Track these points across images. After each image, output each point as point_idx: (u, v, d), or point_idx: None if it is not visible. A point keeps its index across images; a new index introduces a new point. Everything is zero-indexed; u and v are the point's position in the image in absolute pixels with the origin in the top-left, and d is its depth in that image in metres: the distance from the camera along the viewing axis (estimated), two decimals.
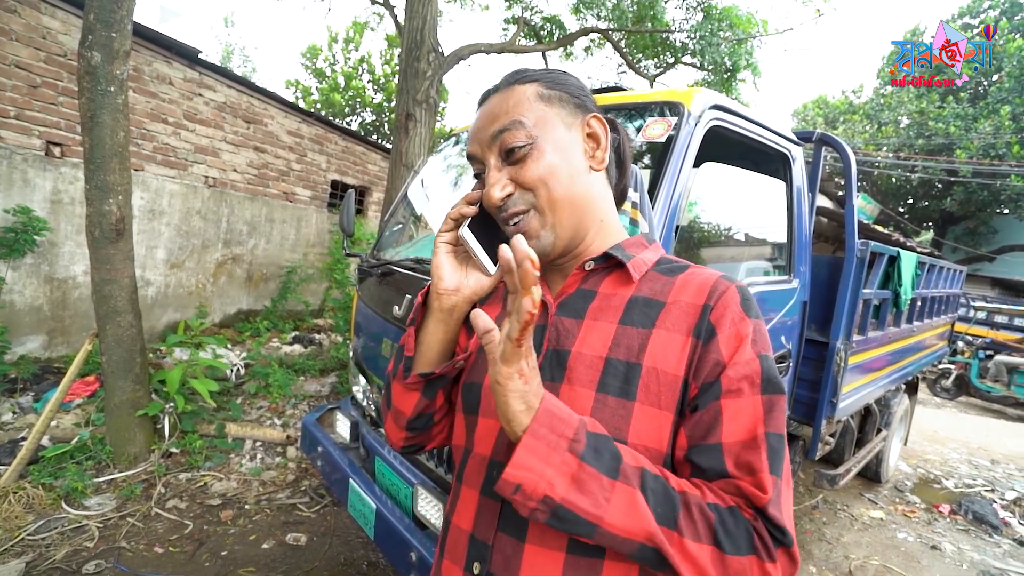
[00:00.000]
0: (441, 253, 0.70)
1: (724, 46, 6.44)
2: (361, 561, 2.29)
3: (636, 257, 0.67)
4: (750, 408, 0.55)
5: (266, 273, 5.89)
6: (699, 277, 0.63)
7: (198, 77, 4.83)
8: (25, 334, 3.76)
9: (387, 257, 2.12)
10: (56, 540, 2.16)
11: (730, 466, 0.53)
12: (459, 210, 0.69)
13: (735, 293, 0.60)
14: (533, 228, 0.64)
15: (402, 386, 0.71)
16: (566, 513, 0.48)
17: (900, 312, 2.98)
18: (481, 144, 0.66)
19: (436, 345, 0.71)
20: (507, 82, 0.67)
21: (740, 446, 0.53)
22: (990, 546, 3.09)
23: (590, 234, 0.68)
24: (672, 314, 0.60)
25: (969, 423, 6.42)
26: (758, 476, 0.52)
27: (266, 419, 3.57)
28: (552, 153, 0.63)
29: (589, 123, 0.67)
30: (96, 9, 2.36)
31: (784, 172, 1.93)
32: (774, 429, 0.55)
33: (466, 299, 0.70)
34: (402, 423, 0.74)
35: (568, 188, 0.63)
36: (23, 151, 3.61)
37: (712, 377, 0.56)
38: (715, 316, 0.58)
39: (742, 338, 0.57)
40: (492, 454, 0.63)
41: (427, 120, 4.87)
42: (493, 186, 0.63)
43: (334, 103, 12.87)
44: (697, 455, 0.55)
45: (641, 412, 0.57)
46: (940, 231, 16.39)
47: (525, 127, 0.62)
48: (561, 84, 0.67)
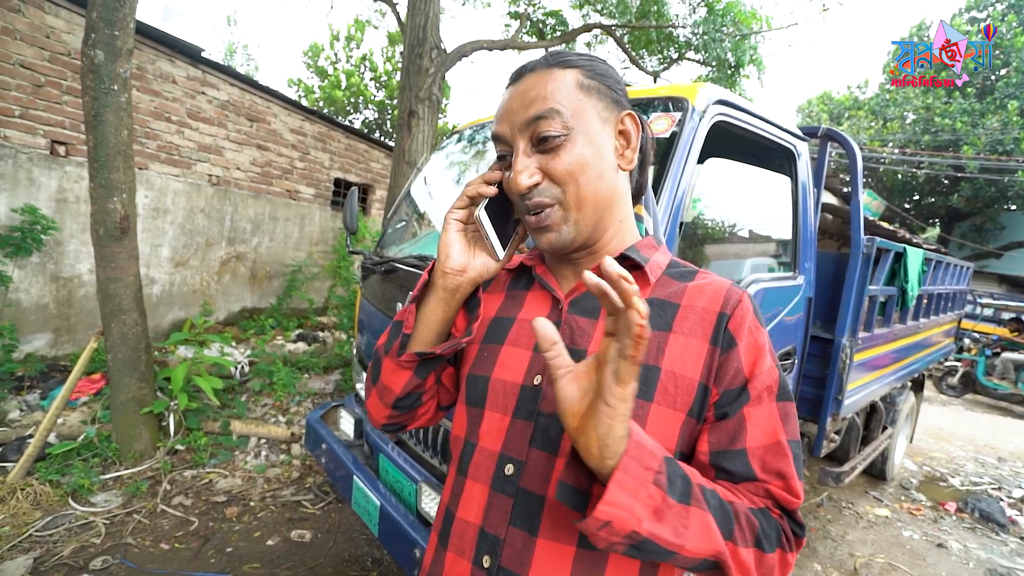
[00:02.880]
0: (452, 230, 0.68)
1: (728, 42, 6.39)
2: (365, 558, 2.30)
3: (651, 259, 0.67)
4: (768, 415, 0.58)
5: (270, 271, 5.91)
6: (712, 284, 0.64)
7: (201, 75, 4.83)
8: (32, 332, 3.78)
9: (390, 255, 2.12)
10: (63, 536, 2.18)
11: (757, 470, 0.57)
12: (476, 188, 0.67)
13: (748, 303, 0.62)
14: (555, 222, 0.63)
15: (394, 363, 0.70)
16: (650, 545, 0.47)
17: (906, 309, 2.96)
18: (512, 127, 0.63)
19: (435, 324, 0.69)
20: (547, 63, 0.64)
21: (764, 450, 0.57)
22: (997, 544, 3.07)
23: (608, 233, 0.67)
24: (688, 319, 0.61)
25: (975, 421, 6.38)
26: (789, 482, 0.57)
27: (270, 416, 3.59)
28: (585, 147, 0.61)
29: (623, 120, 0.65)
30: (99, 8, 2.36)
31: (789, 168, 1.92)
32: (793, 436, 0.59)
33: (471, 280, 0.69)
34: (388, 400, 0.72)
35: (596, 186, 0.62)
36: (28, 150, 3.63)
37: (735, 384, 0.58)
38: (733, 325, 0.60)
39: (760, 348, 0.60)
40: (503, 449, 0.63)
41: (430, 117, 4.87)
42: (521, 173, 0.61)
43: (336, 100, 12.87)
44: (724, 460, 0.58)
45: (657, 413, 0.58)
46: (947, 227, 16.26)
47: (562, 117, 0.60)
48: (602, 75, 0.65)
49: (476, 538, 0.62)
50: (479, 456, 0.65)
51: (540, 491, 0.59)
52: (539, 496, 0.59)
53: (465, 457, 0.67)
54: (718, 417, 0.59)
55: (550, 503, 0.58)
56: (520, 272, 0.75)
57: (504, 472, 0.62)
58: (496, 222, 0.68)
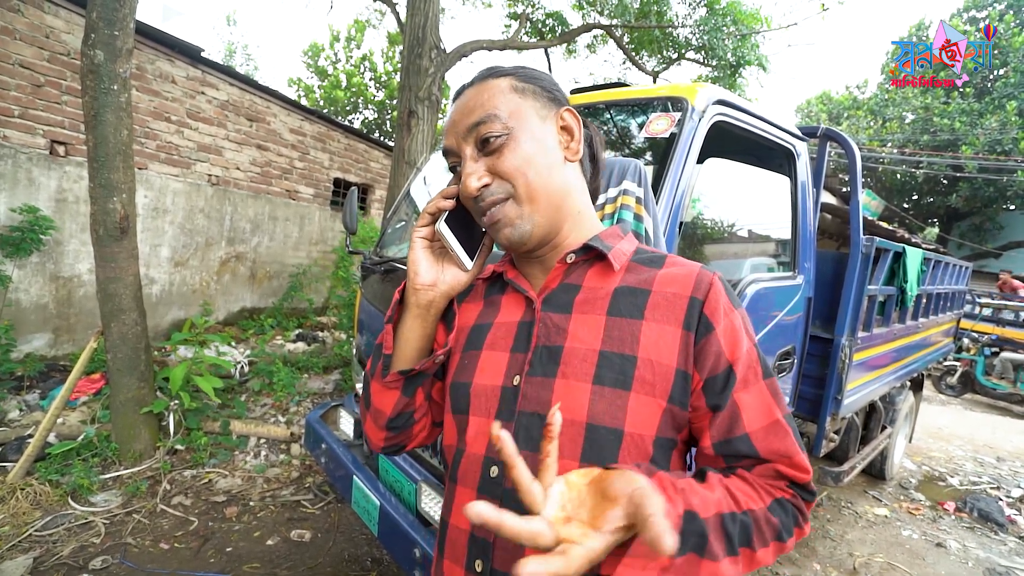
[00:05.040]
0: (418, 248, 0.71)
1: (728, 41, 6.40)
2: (365, 558, 2.30)
3: (615, 247, 0.67)
4: (760, 395, 0.59)
5: (270, 271, 5.91)
6: (681, 268, 0.64)
7: (201, 75, 4.83)
8: (31, 332, 3.78)
9: (390, 255, 2.12)
10: (63, 536, 2.18)
11: (761, 451, 0.58)
12: (435, 204, 0.69)
13: (720, 285, 0.62)
14: (509, 216, 0.64)
15: (381, 385, 0.71)
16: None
17: (905, 308, 2.96)
18: (457, 137, 0.66)
19: (414, 341, 0.71)
20: (481, 76, 0.67)
21: (764, 432, 0.58)
22: (995, 544, 3.08)
23: (567, 225, 0.68)
24: (660, 305, 0.61)
25: (974, 420, 6.38)
26: (795, 459, 0.58)
27: (270, 416, 3.59)
28: (528, 143, 0.63)
29: (562, 116, 0.68)
30: (99, 8, 2.36)
31: (788, 168, 1.92)
32: (785, 411, 0.60)
33: (443, 294, 0.71)
34: (382, 423, 0.74)
35: (546, 178, 0.64)
36: (28, 150, 3.63)
37: (719, 370, 0.59)
38: (708, 309, 0.60)
39: (737, 330, 0.60)
40: (488, 452, 0.63)
41: (429, 117, 4.87)
42: (470, 176, 0.63)
43: (336, 100, 12.88)
44: (728, 448, 0.59)
45: (637, 401, 0.59)
46: (946, 227, 16.28)
47: (500, 119, 0.63)
48: (534, 78, 0.68)
49: (467, 543, 0.63)
50: (466, 462, 0.65)
51: None
52: None
53: (455, 464, 0.68)
54: (712, 409, 0.59)
55: None
56: (494, 280, 0.76)
57: (490, 474, 0.62)
58: (462, 235, 0.70)
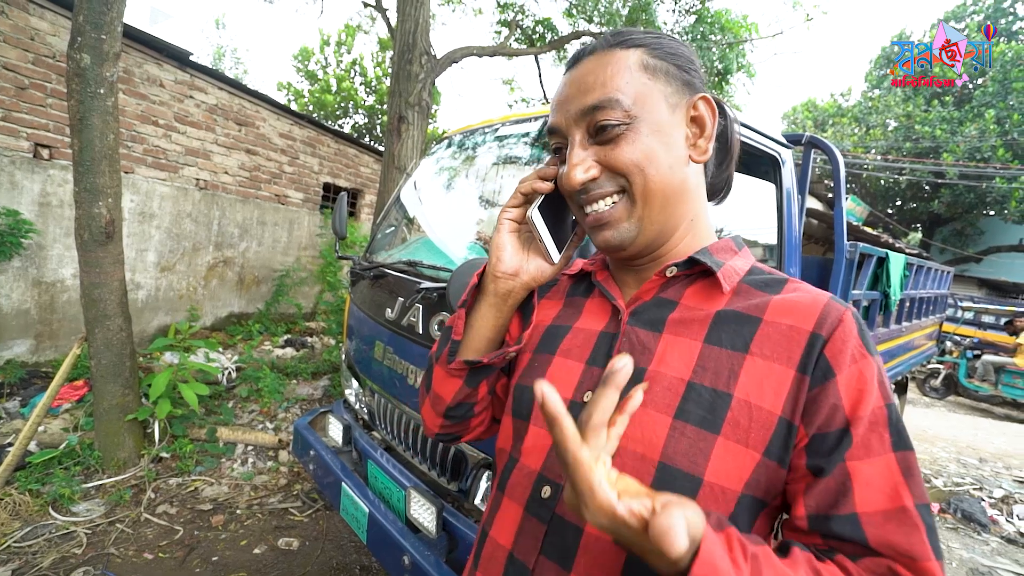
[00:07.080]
0: (504, 231, 0.63)
1: (715, 49, 6.50)
2: (354, 565, 2.28)
3: (727, 264, 0.58)
4: (884, 469, 0.45)
5: (258, 276, 5.85)
6: (804, 296, 0.53)
7: (189, 79, 4.79)
8: (12, 338, 3.70)
9: (380, 260, 2.12)
10: (43, 547, 2.13)
11: (872, 540, 0.44)
12: (531, 184, 0.61)
13: (852, 322, 0.50)
14: (616, 216, 0.56)
15: (444, 371, 0.66)
16: None
17: (889, 313, 3.02)
18: (567, 117, 0.56)
19: (486, 331, 0.65)
20: (607, 43, 0.56)
21: (883, 518, 0.44)
22: (978, 544, 3.13)
23: (677, 233, 0.59)
24: (771, 338, 0.51)
25: (957, 422, 6.49)
26: (921, 564, 0.42)
27: (258, 423, 3.54)
28: (650, 137, 0.54)
29: (696, 105, 0.58)
30: (85, 11, 2.34)
31: (774, 175, 1.95)
32: (921, 499, 0.45)
33: (524, 285, 0.64)
34: (440, 409, 0.69)
35: (666, 178, 0.55)
36: (10, 153, 3.57)
37: (832, 427, 0.47)
38: (831, 351, 0.48)
39: (866, 381, 0.48)
40: (543, 469, 0.57)
41: (419, 123, 4.87)
42: (576, 166, 0.55)
43: (326, 104, 12.85)
44: (826, 526, 0.46)
45: (724, 448, 0.48)
46: (928, 232, 16.62)
47: (623, 104, 0.53)
48: (671, 54, 0.57)
49: (505, 562, 0.57)
50: (518, 474, 0.60)
51: (577, 521, 0.51)
52: (575, 527, 0.52)
53: (506, 473, 0.62)
54: (813, 472, 0.47)
55: (589, 537, 0.51)
56: (581, 278, 0.69)
57: (540, 494, 0.55)
58: (552, 222, 0.62)
